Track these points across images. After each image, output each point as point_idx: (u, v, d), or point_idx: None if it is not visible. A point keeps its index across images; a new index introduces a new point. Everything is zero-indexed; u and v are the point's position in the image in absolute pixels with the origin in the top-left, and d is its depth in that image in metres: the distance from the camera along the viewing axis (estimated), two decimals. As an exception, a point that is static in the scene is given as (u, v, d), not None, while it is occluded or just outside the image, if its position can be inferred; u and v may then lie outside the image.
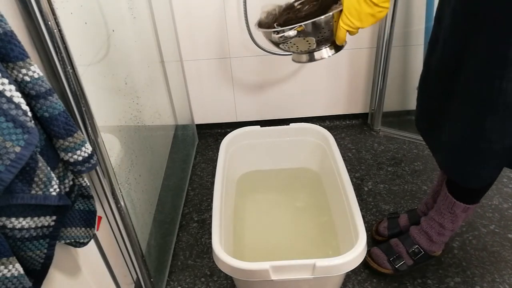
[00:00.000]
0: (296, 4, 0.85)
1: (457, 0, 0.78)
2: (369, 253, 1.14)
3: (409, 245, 1.11)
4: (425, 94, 0.96)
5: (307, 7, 0.82)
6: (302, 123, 1.36)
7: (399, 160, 1.56)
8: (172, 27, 1.49)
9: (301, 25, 0.74)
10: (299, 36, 0.75)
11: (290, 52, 0.83)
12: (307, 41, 0.77)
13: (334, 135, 1.30)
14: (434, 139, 0.97)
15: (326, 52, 0.81)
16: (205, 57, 1.59)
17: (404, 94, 1.71)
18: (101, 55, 0.93)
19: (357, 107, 1.76)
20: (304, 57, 0.83)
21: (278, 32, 0.76)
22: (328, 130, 1.32)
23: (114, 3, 1.05)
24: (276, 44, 0.80)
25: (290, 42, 0.78)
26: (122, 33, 1.06)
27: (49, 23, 0.57)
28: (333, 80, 1.67)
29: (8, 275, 0.49)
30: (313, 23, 0.74)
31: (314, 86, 1.69)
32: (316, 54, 0.82)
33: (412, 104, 1.71)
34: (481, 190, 0.99)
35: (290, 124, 1.35)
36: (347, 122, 1.80)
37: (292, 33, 0.74)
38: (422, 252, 1.09)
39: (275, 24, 0.82)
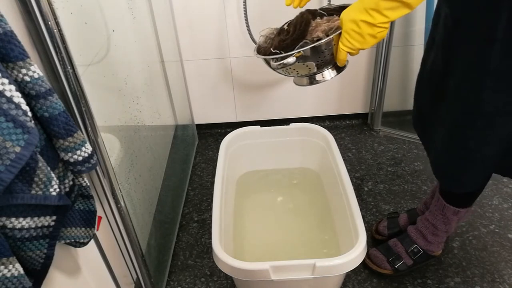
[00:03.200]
0: (285, 26, 0.83)
1: (447, 5, 0.78)
2: (367, 255, 1.14)
3: (408, 244, 1.11)
4: (420, 94, 0.97)
5: (297, 27, 0.80)
6: (302, 123, 1.36)
7: (399, 160, 1.56)
8: (172, 27, 1.49)
9: (299, 51, 0.72)
10: (298, 62, 0.74)
11: (290, 76, 0.81)
12: (307, 66, 0.76)
13: (334, 135, 1.30)
14: (426, 140, 0.98)
15: (328, 74, 0.80)
16: (205, 57, 1.59)
17: (404, 94, 1.71)
18: (101, 55, 0.93)
19: (357, 107, 1.76)
20: (305, 80, 0.82)
21: (277, 60, 0.74)
22: (328, 130, 1.32)
23: (114, 3, 1.05)
24: (276, 69, 0.79)
25: (290, 68, 0.76)
26: (122, 33, 1.06)
27: (49, 23, 0.57)
28: (333, 80, 1.67)
29: (8, 275, 0.49)
30: (311, 48, 0.72)
31: (314, 86, 1.68)
32: (318, 77, 0.81)
33: (412, 104, 1.72)
34: (471, 195, 0.99)
35: (290, 124, 1.35)
36: (347, 122, 1.80)
37: (291, 60, 0.73)
38: (421, 251, 1.10)
39: (271, 49, 0.80)
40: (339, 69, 0.80)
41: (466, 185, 0.91)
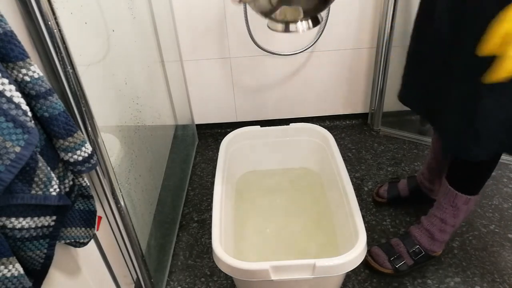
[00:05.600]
0: None
1: None
2: (369, 252, 1.14)
3: (410, 245, 1.11)
4: (422, 69, 0.94)
5: None
6: (302, 123, 1.36)
7: (399, 160, 1.56)
8: (172, 27, 1.49)
9: None
10: (288, 4, 0.70)
11: (277, 20, 0.77)
12: (296, 10, 0.72)
13: (334, 135, 1.30)
14: (433, 113, 0.96)
15: (301, 25, 0.76)
16: (205, 57, 1.59)
17: (404, 94, 1.71)
18: (101, 55, 0.93)
19: (357, 107, 1.76)
20: (280, 26, 0.79)
21: None
22: (328, 130, 1.32)
23: (114, 3, 1.05)
24: (264, 11, 0.72)
25: (280, 10, 0.71)
26: (122, 33, 1.06)
27: (49, 23, 0.57)
28: (333, 80, 1.67)
29: (8, 275, 0.49)
30: None
31: (314, 86, 1.69)
32: (292, 26, 0.77)
33: (412, 104, 1.71)
34: (481, 179, 1.00)
35: (290, 124, 1.35)
36: (347, 122, 1.80)
37: None
38: (422, 252, 1.10)
39: None
40: (315, 22, 0.77)
41: (484, 148, 0.87)
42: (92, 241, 0.81)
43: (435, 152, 1.18)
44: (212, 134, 1.80)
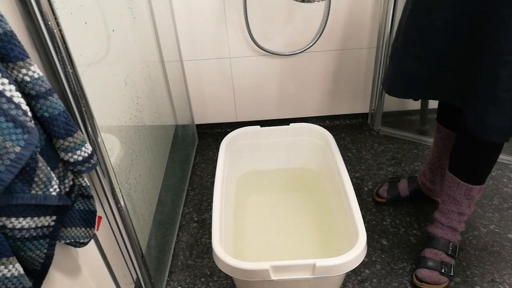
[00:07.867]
0: None
1: None
2: (417, 278, 1.09)
3: (445, 247, 1.11)
4: (442, 57, 0.91)
5: None
6: (302, 123, 1.36)
7: (399, 160, 1.56)
8: (172, 27, 1.49)
9: None
10: None
11: None
12: None
13: (334, 135, 1.30)
14: (463, 96, 0.93)
15: None
16: (205, 57, 1.59)
17: (404, 94, 1.71)
18: (101, 55, 0.93)
19: (357, 107, 1.76)
20: None
21: None
22: (328, 130, 1.32)
23: (114, 3, 1.05)
24: None
25: None
26: (122, 33, 1.06)
27: (49, 23, 0.57)
28: (333, 80, 1.67)
29: (8, 275, 0.49)
30: None
31: (313, 86, 1.69)
32: None
33: (412, 104, 1.72)
34: (489, 167, 1.03)
35: (290, 124, 1.35)
36: (347, 122, 1.80)
37: None
38: (457, 246, 1.12)
39: None
40: None
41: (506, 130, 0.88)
42: (92, 241, 0.81)
43: (438, 151, 1.18)
44: (212, 134, 1.81)
